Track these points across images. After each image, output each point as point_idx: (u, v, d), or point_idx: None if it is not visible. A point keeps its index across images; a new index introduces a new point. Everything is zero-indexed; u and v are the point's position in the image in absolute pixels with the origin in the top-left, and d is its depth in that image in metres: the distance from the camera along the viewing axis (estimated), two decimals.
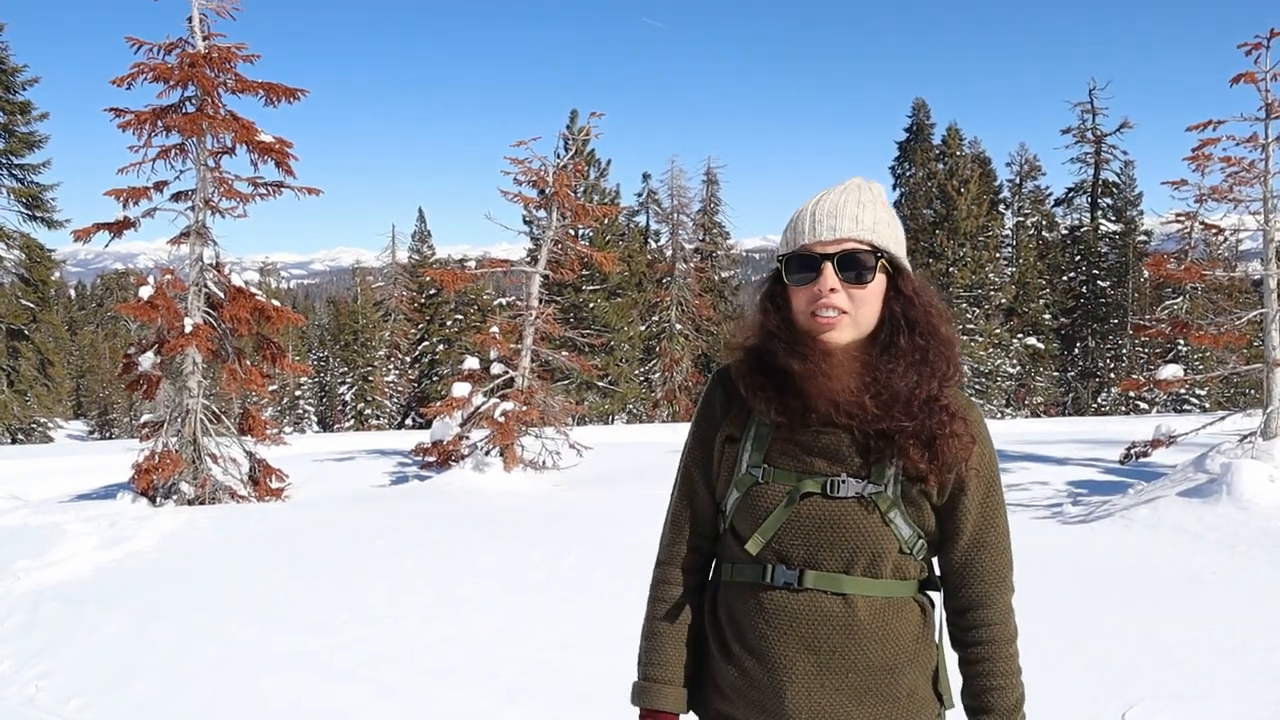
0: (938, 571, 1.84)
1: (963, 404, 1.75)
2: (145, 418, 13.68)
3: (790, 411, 1.71)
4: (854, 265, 1.67)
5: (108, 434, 55.26)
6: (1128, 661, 5.17)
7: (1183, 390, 31.79)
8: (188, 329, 12.48)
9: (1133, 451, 11.71)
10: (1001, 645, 1.80)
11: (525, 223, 30.98)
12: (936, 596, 1.85)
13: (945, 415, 1.69)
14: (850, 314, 1.68)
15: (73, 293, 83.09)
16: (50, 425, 37.83)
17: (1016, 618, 1.82)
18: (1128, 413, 33.08)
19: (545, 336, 15.75)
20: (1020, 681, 1.82)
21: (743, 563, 1.76)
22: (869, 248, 1.68)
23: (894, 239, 1.73)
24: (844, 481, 1.69)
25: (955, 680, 1.83)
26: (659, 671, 1.86)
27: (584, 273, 23.81)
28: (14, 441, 33.60)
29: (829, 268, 1.66)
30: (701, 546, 1.89)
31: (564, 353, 16.29)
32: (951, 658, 1.85)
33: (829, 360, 1.67)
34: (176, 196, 13.24)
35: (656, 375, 40.53)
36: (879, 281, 1.70)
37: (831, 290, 1.66)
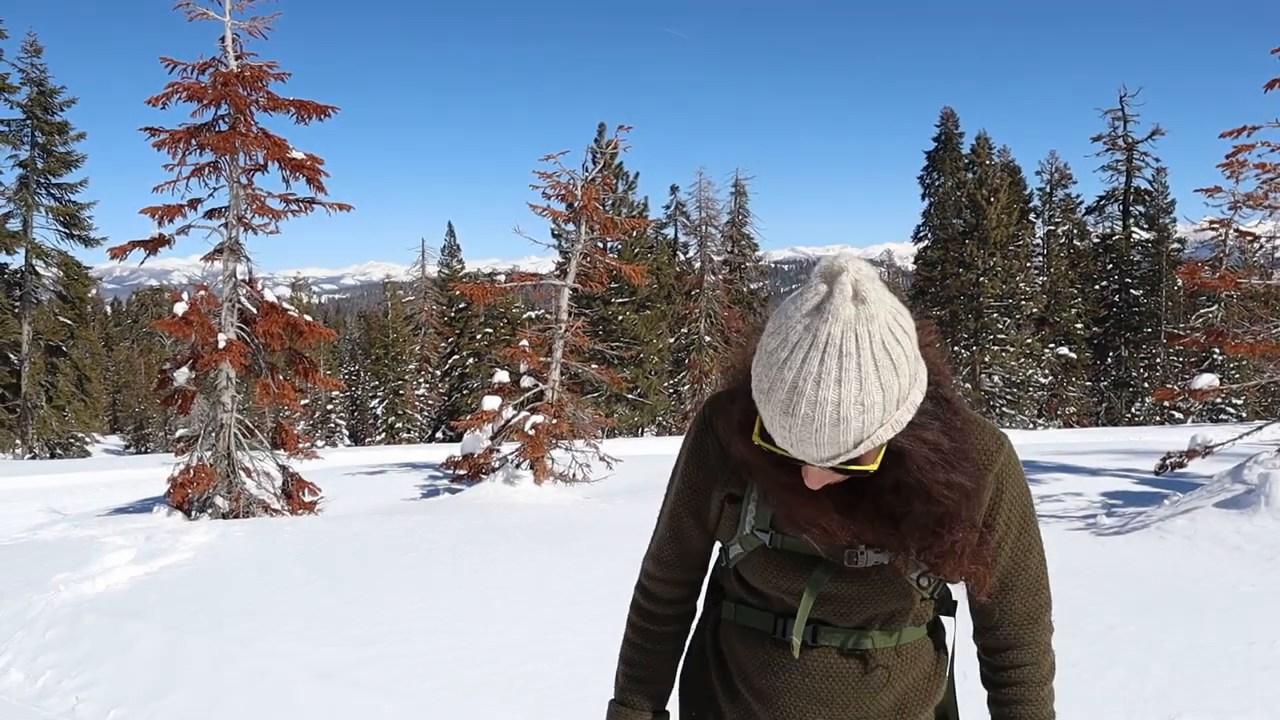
0: (954, 596, 1.72)
1: (988, 447, 1.57)
2: (180, 432, 13.83)
3: None
4: (848, 472, 1.40)
5: (143, 448, 55.86)
6: (1165, 676, 5.11)
7: (1219, 400, 31.42)
8: (221, 344, 12.62)
9: (1168, 462, 11.58)
10: (1033, 687, 1.70)
11: (554, 236, 31.10)
12: (949, 620, 1.76)
13: (971, 547, 1.51)
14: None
15: (109, 309, 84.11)
16: (87, 440, 38.27)
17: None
18: (1162, 422, 32.68)
19: (575, 349, 15.80)
20: None
21: (748, 606, 1.68)
22: (859, 460, 1.37)
23: (895, 404, 1.32)
24: (862, 553, 1.56)
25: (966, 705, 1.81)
26: (635, 699, 1.86)
27: (613, 285, 23.90)
28: (52, 456, 34.06)
29: (814, 471, 1.42)
30: (690, 580, 1.82)
31: (593, 365, 16.33)
32: (962, 681, 1.81)
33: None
34: (210, 213, 13.43)
35: (686, 387, 40.55)
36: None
37: (822, 480, 1.43)
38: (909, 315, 1.36)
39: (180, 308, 12.74)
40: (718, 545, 1.76)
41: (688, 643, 1.88)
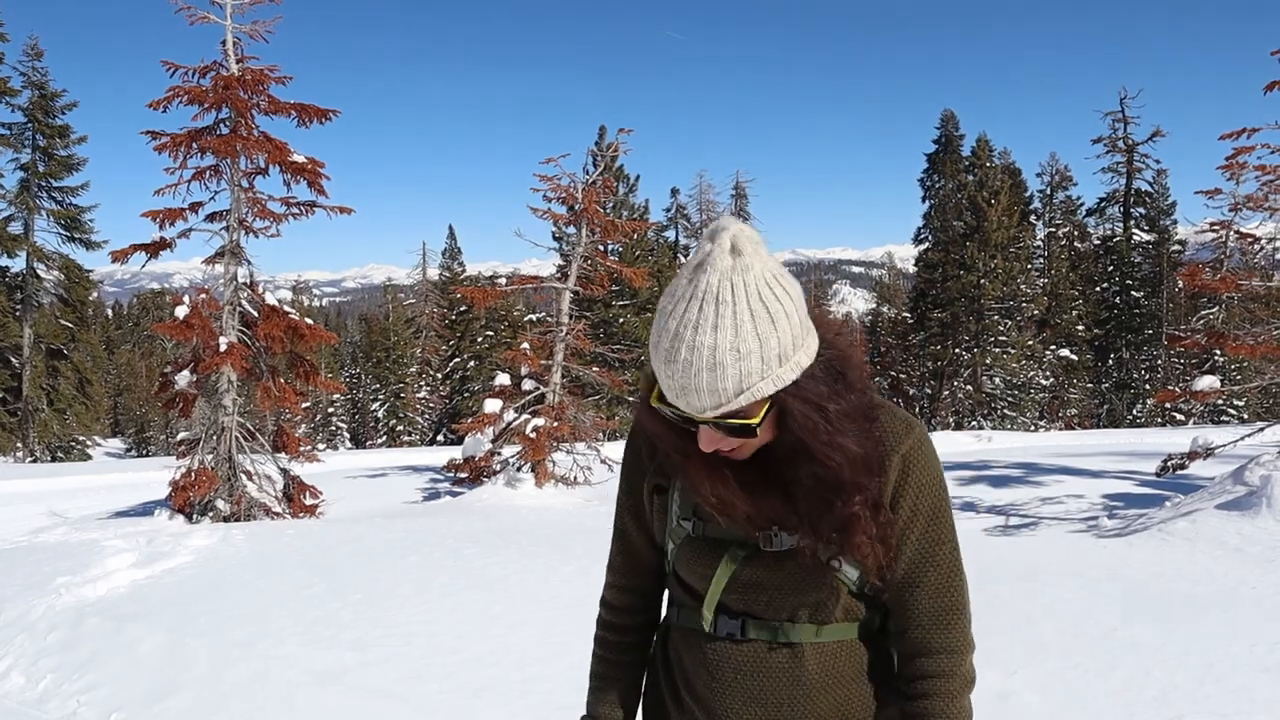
0: None
1: (895, 430, 1.55)
2: (181, 435, 13.84)
3: None
4: (733, 425, 1.41)
5: (145, 452, 55.89)
6: (1166, 679, 5.10)
7: (1220, 401, 31.42)
8: (223, 347, 12.63)
9: (1169, 464, 11.58)
10: (942, 701, 1.57)
11: (555, 239, 31.11)
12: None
13: (861, 521, 1.49)
14: (741, 448, 1.48)
15: (110, 312, 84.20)
16: (89, 443, 38.31)
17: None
18: (1163, 424, 32.69)
19: (576, 352, 15.81)
20: None
21: (687, 608, 1.69)
22: (743, 413, 1.40)
23: (775, 359, 1.36)
24: (776, 535, 1.55)
25: None
26: (602, 710, 1.89)
27: (614, 288, 23.91)
28: (54, 459, 34.08)
29: (704, 430, 1.44)
30: (641, 587, 1.83)
31: (594, 368, 16.34)
32: None
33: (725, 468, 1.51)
34: (211, 217, 13.44)
35: None
36: (769, 413, 1.43)
37: (713, 442, 1.45)
38: (796, 283, 1.42)
39: (181, 311, 12.75)
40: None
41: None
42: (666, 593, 1.81)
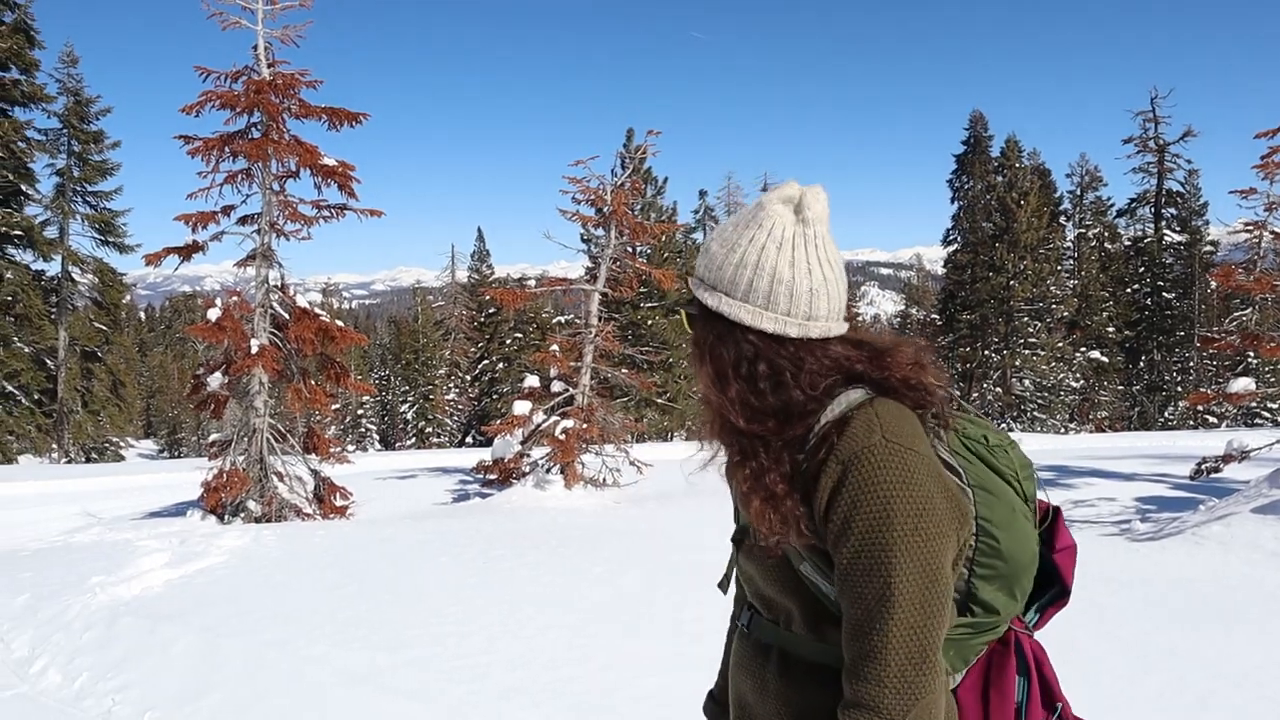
0: None
1: (852, 437, 1.44)
2: (213, 437, 13.95)
3: None
4: (688, 308, 1.60)
5: (177, 453, 56.47)
6: (1203, 685, 5.05)
7: (1254, 404, 30.99)
8: (254, 350, 12.72)
9: (1203, 467, 11.45)
10: None
11: (583, 241, 31.10)
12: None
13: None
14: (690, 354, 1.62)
15: (143, 315, 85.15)
16: (122, 444, 38.74)
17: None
18: (1196, 427, 32.30)
19: (604, 354, 15.82)
20: None
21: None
22: (690, 292, 1.57)
23: (716, 274, 1.53)
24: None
25: None
26: (716, 686, 1.95)
27: (642, 290, 23.91)
28: (88, 460, 34.48)
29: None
30: None
31: (623, 370, 16.34)
32: None
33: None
34: (243, 220, 13.55)
35: None
36: (702, 327, 1.56)
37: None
38: (833, 271, 1.52)
39: (214, 313, 12.85)
40: None
41: None
42: None
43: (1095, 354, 38.12)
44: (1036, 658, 1.65)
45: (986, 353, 36.57)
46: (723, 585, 1.75)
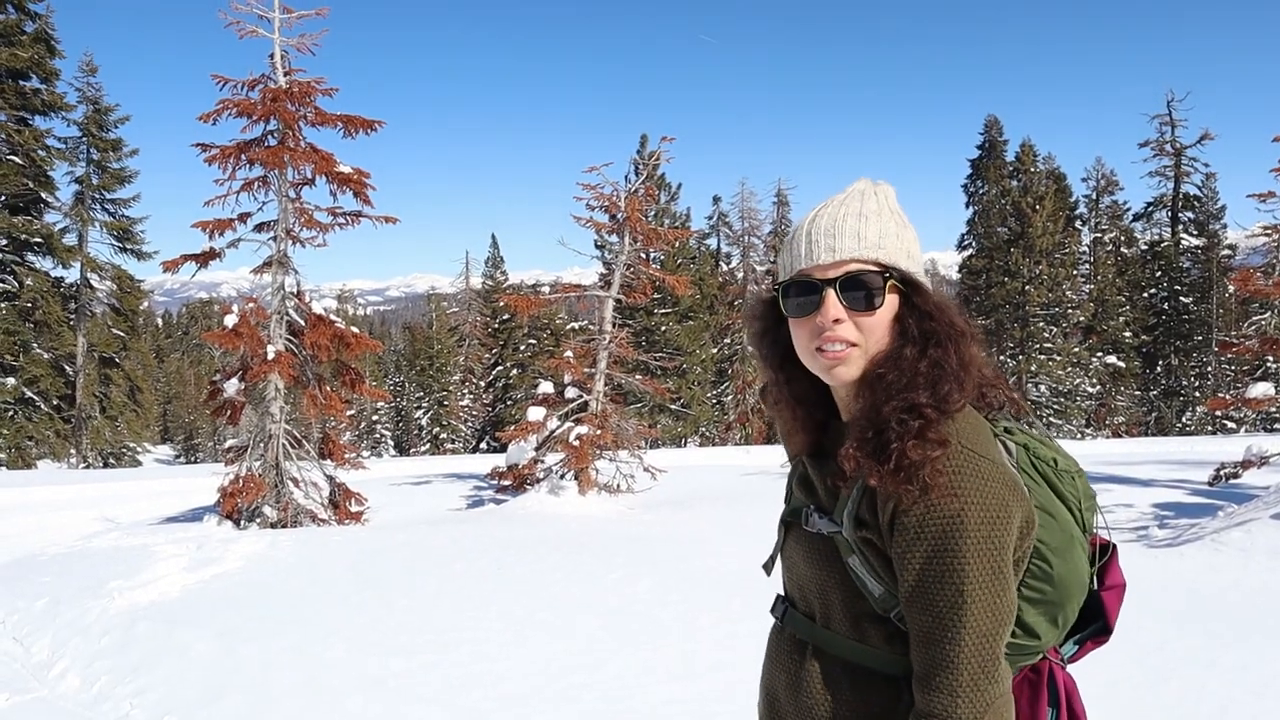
0: None
1: (955, 448, 1.39)
2: (229, 442, 14.01)
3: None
4: (860, 288, 1.46)
5: (193, 458, 56.77)
6: (1222, 691, 5.01)
7: (1273, 409, 30.77)
8: (270, 356, 12.77)
9: (1222, 472, 11.38)
10: None
11: (597, 247, 31.23)
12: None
13: (916, 429, 1.39)
14: (860, 345, 1.46)
15: (160, 321, 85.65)
16: (139, 450, 38.97)
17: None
18: (1214, 432, 32.11)
19: (618, 360, 15.83)
20: None
21: None
22: (876, 268, 1.46)
23: (905, 253, 1.49)
24: (813, 514, 1.54)
25: None
26: None
27: (656, 296, 23.92)
28: (105, 465, 34.71)
29: (831, 295, 1.46)
30: None
31: (637, 376, 16.36)
32: None
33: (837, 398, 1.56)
34: (259, 227, 13.60)
35: (729, 398, 40.47)
36: (890, 304, 1.47)
37: (836, 321, 1.45)
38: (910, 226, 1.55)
39: (230, 320, 12.90)
40: None
41: None
42: None
43: (1112, 359, 37.94)
44: (1068, 689, 1.62)
45: (1002, 358, 36.44)
46: (767, 567, 1.71)
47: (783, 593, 1.67)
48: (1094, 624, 1.67)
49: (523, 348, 45.90)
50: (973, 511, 1.36)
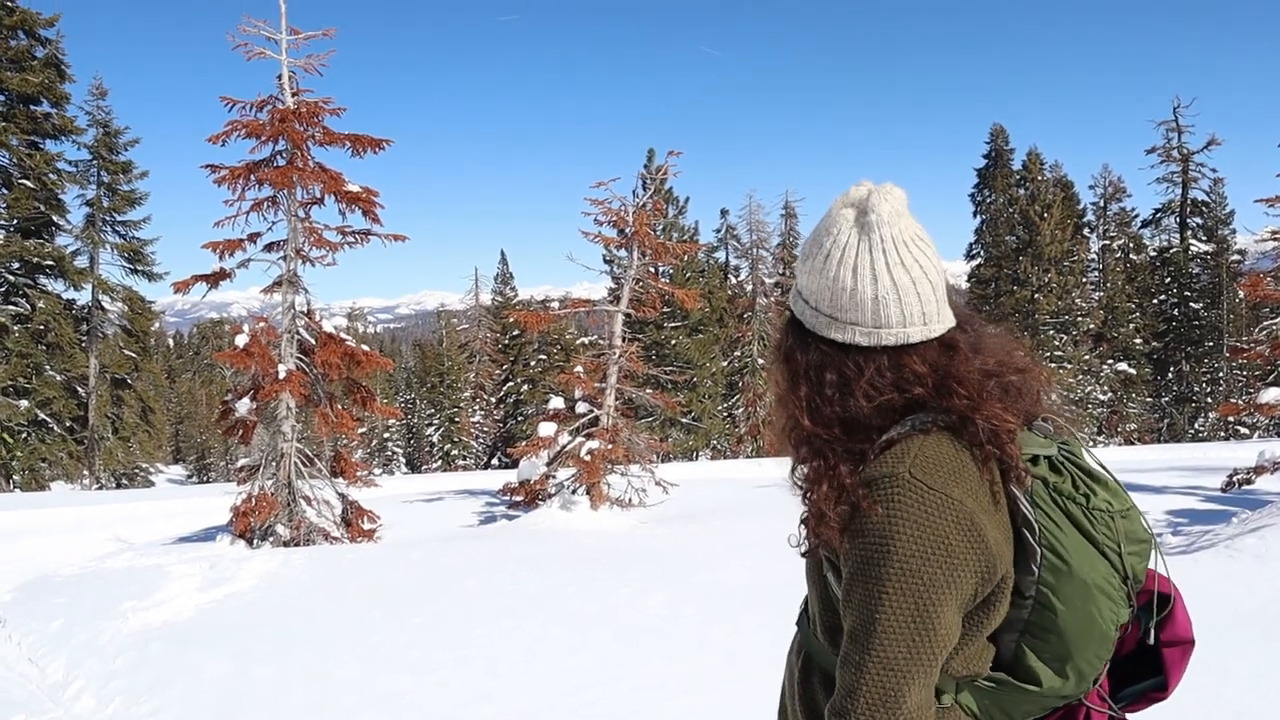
0: None
1: (882, 460, 1.41)
2: (241, 462, 14.03)
3: None
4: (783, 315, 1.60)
5: (205, 478, 56.89)
6: (1238, 700, 4.99)
7: None
8: (282, 375, 12.82)
9: (1235, 479, 11.33)
10: None
11: (606, 262, 31.23)
12: None
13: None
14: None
15: (171, 342, 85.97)
16: (151, 470, 39.09)
17: None
18: (1227, 438, 31.94)
19: (629, 374, 15.84)
20: None
21: None
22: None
23: (803, 280, 1.52)
24: (801, 528, 1.58)
25: None
26: None
27: (665, 310, 23.96)
28: (118, 486, 34.81)
29: None
30: None
31: (648, 390, 16.37)
32: None
33: None
34: (269, 247, 13.66)
35: (740, 411, 40.41)
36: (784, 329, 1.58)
37: None
38: (912, 270, 1.42)
39: (241, 340, 12.96)
40: None
41: None
42: None
43: (1122, 366, 37.81)
44: None
45: None
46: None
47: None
48: (1150, 679, 1.63)
49: (533, 363, 45.95)
50: (902, 542, 1.34)
